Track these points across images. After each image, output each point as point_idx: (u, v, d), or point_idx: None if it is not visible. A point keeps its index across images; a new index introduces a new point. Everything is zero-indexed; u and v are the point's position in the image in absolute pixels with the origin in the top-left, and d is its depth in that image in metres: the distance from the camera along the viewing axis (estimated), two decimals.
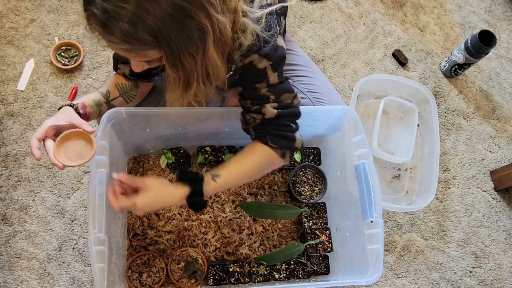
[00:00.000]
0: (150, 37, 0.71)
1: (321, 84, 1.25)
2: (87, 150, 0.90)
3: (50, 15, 1.58)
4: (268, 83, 0.91)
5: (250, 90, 0.94)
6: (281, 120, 0.95)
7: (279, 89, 0.93)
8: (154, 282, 1.23)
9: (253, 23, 0.82)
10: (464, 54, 1.60)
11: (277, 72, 0.91)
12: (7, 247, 1.31)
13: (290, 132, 0.97)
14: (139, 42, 0.72)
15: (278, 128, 0.96)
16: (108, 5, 0.68)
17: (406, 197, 1.53)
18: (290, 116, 0.96)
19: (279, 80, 0.92)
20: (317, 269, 1.30)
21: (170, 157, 1.30)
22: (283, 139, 0.96)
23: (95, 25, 0.71)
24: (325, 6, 1.77)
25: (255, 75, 0.91)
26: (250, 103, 0.95)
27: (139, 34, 0.70)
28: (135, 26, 0.69)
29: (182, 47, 0.74)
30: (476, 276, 1.48)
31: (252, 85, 0.92)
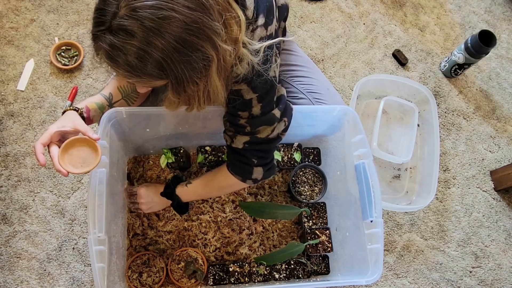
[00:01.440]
0: (157, 70, 0.72)
1: (321, 84, 1.25)
2: (91, 157, 0.90)
3: (50, 15, 1.58)
4: (250, 113, 0.93)
5: (232, 116, 0.96)
6: (245, 153, 1.00)
7: (258, 122, 0.94)
8: (154, 282, 1.23)
9: (251, 55, 0.83)
10: (464, 54, 1.60)
11: (261, 103, 0.92)
12: (7, 247, 1.31)
13: (249, 166, 1.02)
14: (145, 75, 0.73)
15: (239, 159, 1.02)
16: (116, 40, 0.69)
17: (406, 197, 1.53)
18: (255, 152, 1.00)
19: (261, 112, 0.93)
20: (317, 269, 1.30)
21: (170, 157, 1.30)
22: (240, 170, 1.04)
23: (103, 57, 0.73)
24: (325, 6, 1.77)
25: (240, 104, 0.92)
26: (228, 126, 1.00)
27: (146, 68, 0.71)
28: (142, 61, 0.70)
29: (187, 77, 0.75)
30: (476, 276, 1.48)
31: (235, 111, 0.94)
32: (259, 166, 1.02)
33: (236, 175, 1.06)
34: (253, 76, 0.86)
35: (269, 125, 0.96)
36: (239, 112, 0.94)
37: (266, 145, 1.00)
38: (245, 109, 0.93)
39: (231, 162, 1.06)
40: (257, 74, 0.86)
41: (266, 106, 0.93)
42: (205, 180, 1.17)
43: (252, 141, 0.97)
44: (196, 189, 1.18)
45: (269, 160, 1.04)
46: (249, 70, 0.85)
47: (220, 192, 1.26)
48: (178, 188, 1.19)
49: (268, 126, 0.96)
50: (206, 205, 1.33)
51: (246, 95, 0.90)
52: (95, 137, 0.89)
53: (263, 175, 1.05)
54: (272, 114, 0.95)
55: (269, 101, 0.93)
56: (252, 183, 1.07)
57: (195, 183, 1.17)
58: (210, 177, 1.16)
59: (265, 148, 1.01)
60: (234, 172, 1.06)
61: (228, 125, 0.99)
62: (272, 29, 0.87)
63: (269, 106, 0.94)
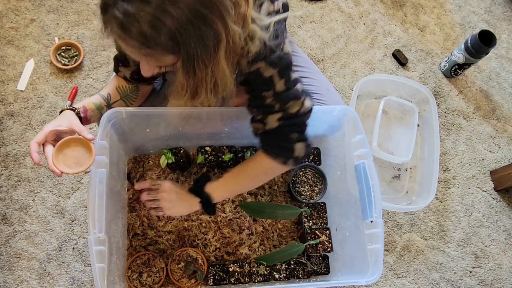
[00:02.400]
0: (170, 41, 0.70)
1: (321, 85, 1.25)
2: (85, 157, 0.89)
3: (50, 15, 1.58)
4: (275, 91, 0.90)
5: (257, 99, 0.93)
6: (281, 131, 0.95)
7: (285, 97, 0.91)
8: (154, 282, 1.23)
9: (261, 30, 0.81)
10: (464, 54, 1.60)
11: (284, 78, 0.90)
12: (7, 247, 1.31)
13: (289, 143, 0.97)
14: (158, 47, 0.71)
15: (277, 139, 0.97)
16: (130, 7, 0.67)
17: (406, 197, 1.53)
18: (292, 126, 0.96)
19: (286, 87, 0.91)
20: (317, 269, 1.30)
21: (170, 157, 1.30)
22: (280, 149, 0.98)
23: (115, 28, 0.70)
24: (325, 6, 1.77)
25: (261, 83, 0.90)
26: (256, 112, 0.96)
27: (159, 38, 0.69)
28: (156, 30, 0.69)
29: (198, 55, 0.73)
30: (476, 276, 1.48)
31: (258, 93, 0.92)
32: (300, 141, 0.97)
33: (277, 157, 0.99)
34: (267, 52, 0.84)
35: (297, 99, 0.92)
36: (263, 92, 0.91)
37: (300, 118, 0.95)
38: (269, 88, 0.90)
39: (267, 144, 0.99)
40: (271, 50, 0.85)
41: (289, 81, 0.91)
42: (238, 171, 1.08)
43: (285, 117, 0.93)
44: (227, 183, 1.08)
45: (306, 135, 0.99)
46: (261, 48, 0.83)
47: (256, 182, 1.14)
48: (207, 185, 1.10)
49: (296, 100, 0.92)
50: None
51: (265, 73, 0.88)
52: (89, 137, 0.88)
53: (305, 151, 0.98)
54: (297, 89, 0.93)
55: (289, 76, 0.91)
56: (294, 163, 1.00)
57: (226, 176, 1.09)
58: (243, 167, 1.08)
59: (300, 121, 0.96)
60: (274, 154, 0.99)
61: (256, 111, 0.95)
62: (279, 5, 0.85)
63: (291, 82, 0.91)
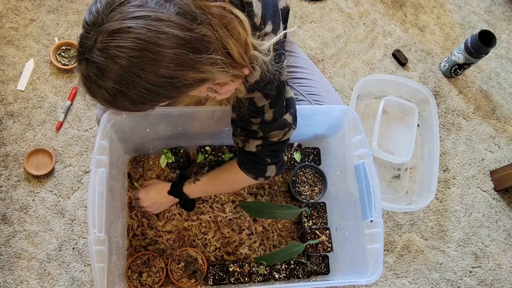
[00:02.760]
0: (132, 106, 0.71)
1: (321, 86, 1.25)
2: None
3: (50, 15, 1.58)
4: (263, 119, 0.93)
5: (244, 122, 0.96)
6: (258, 154, 1.00)
7: (270, 128, 0.95)
8: (154, 282, 1.23)
9: (262, 55, 0.81)
10: (464, 54, 1.60)
11: (273, 109, 0.92)
12: (7, 247, 1.31)
13: (263, 165, 1.03)
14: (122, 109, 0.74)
15: (252, 159, 1.03)
16: (90, 73, 0.69)
17: (406, 197, 1.53)
18: (268, 152, 1.00)
19: (273, 118, 0.93)
20: (317, 269, 1.30)
21: (170, 157, 1.30)
22: (253, 168, 1.05)
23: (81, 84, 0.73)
24: (325, 6, 1.77)
25: (252, 111, 0.92)
26: (239, 131, 0.99)
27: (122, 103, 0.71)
28: (117, 97, 0.70)
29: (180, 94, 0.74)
30: (476, 276, 1.48)
31: (247, 118, 0.94)
32: (273, 164, 1.03)
33: (249, 173, 1.06)
34: (265, 82, 0.86)
35: (281, 129, 0.96)
36: (252, 119, 0.94)
37: (279, 145, 1.00)
38: (258, 115, 0.93)
39: (243, 161, 1.06)
40: (269, 80, 0.85)
41: (278, 112, 0.94)
42: (214, 176, 1.16)
43: (264, 144, 0.98)
44: (204, 186, 1.17)
45: (280, 158, 1.05)
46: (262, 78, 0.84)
47: (229, 188, 1.26)
48: (185, 185, 1.18)
49: (280, 130, 0.96)
50: (206, 205, 1.33)
51: (259, 103, 0.90)
52: None
53: (275, 172, 1.06)
54: (284, 120, 0.96)
55: (280, 107, 0.94)
56: (264, 180, 1.08)
57: (203, 180, 1.17)
58: (218, 173, 1.16)
59: (278, 148, 1.01)
60: (247, 171, 1.06)
61: (239, 130, 0.99)
62: (280, 36, 0.87)
63: (280, 111, 0.95)
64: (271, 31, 0.83)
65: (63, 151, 1.42)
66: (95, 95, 0.72)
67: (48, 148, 1.41)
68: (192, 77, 0.71)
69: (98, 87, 0.69)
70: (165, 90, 0.70)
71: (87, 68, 0.69)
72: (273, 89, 0.88)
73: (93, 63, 0.67)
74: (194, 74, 0.71)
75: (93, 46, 0.67)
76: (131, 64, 0.66)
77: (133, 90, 0.68)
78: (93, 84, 0.70)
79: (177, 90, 0.72)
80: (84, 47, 0.68)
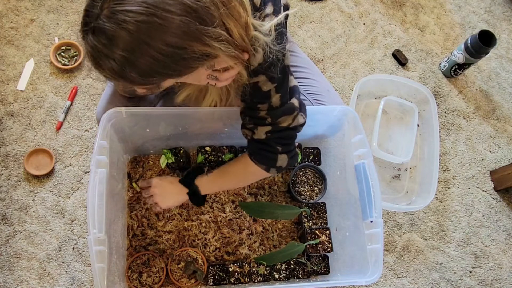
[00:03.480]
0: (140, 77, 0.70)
1: (321, 86, 1.25)
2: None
3: (50, 15, 1.58)
4: (270, 105, 0.92)
5: (251, 110, 0.95)
6: (268, 142, 0.99)
7: (278, 112, 0.94)
8: (154, 282, 1.23)
9: (263, 36, 0.81)
10: (464, 54, 1.60)
11: (280, 93, 0.91)
12: (7, 247, 1.31)
13: (273, 153, 1.01)
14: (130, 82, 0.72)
15: (262, 148, 1.01)
16: (97, 43, 0.68)
17: (406, 197, 1.53)
18: (279, 139, 0.99)
19: (281, 102, 0.93)
20: (317, 269, 1.30)
21: (170, 157, 1.30)
22: (264, 158, 1.03)
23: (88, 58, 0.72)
24: (325, 6, 1.77)
25: (259, 96, 0.91)
26: (247, 120, 0.98)
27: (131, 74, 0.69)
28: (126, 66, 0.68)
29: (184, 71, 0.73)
30: (476, 276, 1.48)
31: (254, 105, 0.94)
32: (284, 153, 1.01)
33: (260, 164, 1.03)
34: (270, 66, 0.85)
35: (290, 114, 0.95)
36: (259, 105, 0.93)
37: (289, 132, 0.99)
38: (264, 101, 0.92)
39: (253, 151, 1.04)
40: (272, 63, 0.85)
41: (284, 96, 0.93)
42: (225, 169, 1.14)
43: (274, 130, 0.96)
44: (215, 179, 1.15)
45: (292, 147, 1.03)
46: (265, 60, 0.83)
47: (240, 182, 1.22)
48: (197, 178, 1.17)
49: (288, 115, 0.95)
50: (206, 205, 1.33)
51: (264, 87, 0.89)
52: None
53: (287, 163, 1.03)
54: (291, 104, 0.95)
55: (285, 91, 0.93)
56: (276, 171, 1.05)
57: (214, 173, 1.16)
58: (230, 167, 1.14)
59: (288, 135, 1.00)
60: (258, 161, 1.03)
61: (248, 120, 0.98)
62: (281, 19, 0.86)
63: (287, 96, 0.94)
64: (271, 13, 0.83)
65: (63, 151, 1.42)
66: (103, 67, 0.70)
67: (48, 148, 1.41)
68: (199, 49, 0.70)
69: (106, 58, 0.68)
70: (173, 61, 0.69)
71: (94, 38, 0.68)
72: (278, 72, 0.87)
73: (100, 31, 0.67)
74: (200, 46, 0.70)
75: (99, 13, 0.66)
76: (139, 30, 0.65)
77: (141, 59, 0.67)
78: (101, 55, 0.68)
79: (184, 64, 0.71)
80: (90, 17, 0.68)
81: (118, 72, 0.70)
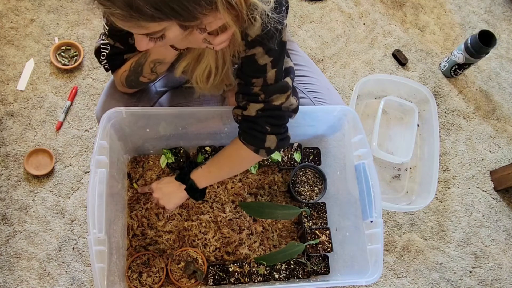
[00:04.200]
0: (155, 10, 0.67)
1: (321, 84, 1.25)
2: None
3: (50, 15, 1.58)
4: (265, 80, 0.91)
5: (245, 86, 0.94)
6: (257, 120, 0.97)
7: (272, 89, 0.93)
8: (154, 282, 1.23)
9: (261, 3, 0.79)
10: (464, 54, 1.60)
11: (276, 68, 0.90)
12: (7, 247, 1.31)
13: (261, 133, 0.99)
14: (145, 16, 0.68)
15: (251, 127, 0.99)
16: None
17: (406, 197, 1.53)
18: (269, 118, 0.97)
19: (276, 78, 0.92)
20: (317, 269, 1.30)
21: (170, 157, 1.30)
22: (252, 137, 1.01)
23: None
24: (325, 6, 1.77)
25: (254, 70, 0.90)
26: (241, 98, 0.97)
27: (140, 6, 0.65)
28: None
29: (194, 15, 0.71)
30: (476, 276, 1.48)
31: (249, 79, 0.92)
32: (273, 134, 0.99)
33: (248, 144, 1.02)
34: (267, 37, 0.84)
35: (283, 93, 0.94)
36: (253, 79, 0.92)
37: (280, 111, 0.97)
38: (260, 75, 0.91)
39: (242, 131, 1.02)
40: (270, 35, 0.84)
41: (280, 73, 0.92)
42: (217, 158, 1.13)
43: (265, 108, 0.95)
44: (209, 169, 1.14)
45: (283, 130, 1.02)
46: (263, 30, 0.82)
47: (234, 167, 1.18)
48: (192, 171, 1.15)
49: (282, 94, 0.94)
50: (206, 205, 1.33)
51: (260, 60, 0.88)
52: None
53: (276, 144, 1.01)
54: (285, 82, 0.94)
55: (281, 68, 0.92)
56: (265, 153, 1.03)
57: (207, 163, 1.14)
58: (221, 153, 1.12)
59: (279, 115, 0.98)
60: (246, 141, 1.02)
61: (241, 97, 0.97)
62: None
63: (282, 74, 0.93)
64: None
65: (63, 151, 1.42)
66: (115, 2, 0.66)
67: (48, 148, 1.41)
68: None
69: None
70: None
71: None
72: (275, 44, 0.86)
73: None
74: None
75: None
76: None
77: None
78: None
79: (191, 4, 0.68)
80: None
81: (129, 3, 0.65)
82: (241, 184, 1.36)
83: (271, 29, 0.83)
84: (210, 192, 1.34)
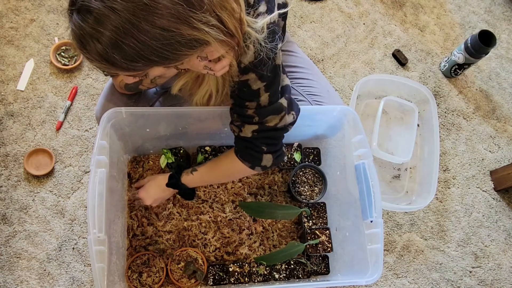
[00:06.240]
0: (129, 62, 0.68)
1: (321, 86, 1.25)
2: None
3: (50, 15, 1.58)
4: (258, 103, 0.92)
5: (239, 107, 0.95)
6: (254, 141, 0.99)
7: (266, 112, 0.94)
8: (154, 282, 1.23)
9: (256, 33, 0.81)
10: (464, 54, 1.60)
11: (269, 92, 0.91)
12: (7, 247, 1.31)
13: (258, 153, 1.01)
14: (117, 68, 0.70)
15: (248, 146, 1.01)
16: (83, 23, 0.66)
17: (406, 197, 1.53)
18: (264, 139, 0.99)
19: (269, 101, 0.93)
20: (317, 269, 1.30)
21: (170, 157, 1.30)
22: (249, 157, 1.03)
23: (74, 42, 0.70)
24: (325, 6, 1.77)
25: (248, 94, 0.91)
26: (235, 117, 0.99)
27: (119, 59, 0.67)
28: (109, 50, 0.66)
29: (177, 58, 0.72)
30: (476, 276, 1.48)
31: (243, 102, 0.94)
32: (269, 153, 1.01)
33: (245, 161, 1.04)
34: (260, 64, 0.85)
35: (277, 114, 0.95)
36: (247, 102, 0.93)
37: (275, 132, 0.99)
38: (253, 99, 0.92)
39: (239, 149, 1.04)
40: (263, 61, 0.85)
41: (274, 95, 0.93)
42: (211, 166, 1.15)
43: (260, 129, 0.97)
44: (202, 176, 1.16)
45: (278, 147, 1.03)
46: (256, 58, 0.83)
47: (226, 178, 1.25)
48: (183, 176, 1.17)
49: (276, 115, 0.95)
50: (206, 205, 1.33)
51: (253, 85, 0.89)
52: None
53: (272, 162, 1.03)
54: (280, 104, 0.95)
55: (275, 90, 0.93)
56: (261, 170, 1.05)
57: (200, 170, 1.15)
58: (216, 163, 1.14)
59: (274, 135, 1.00)
60: (243, 159, 1.04)
61: (236, 117, 0.99)
62: (274, 17, 0.85)
63: (276, 95, 0.94)
64: (265, 11, 0.82)
65: (63, 151, 1.42)
66: (87, 49, 0.68)
67: (48, 148, 1.41)
68: (187, 34, 0.68)
69: (91, 38, 0.66)
70: (160, 45, 0.67)
71: (80, 18, 0.66)
72: (268, 71, 0.87)
73: (86, 10, 0.65)
74: (189, 30, 0.68)
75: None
76: (125, 10, 0.63)
77: (126, 41, 0.65)
78: (85, 35, 0.66)
79: (172, 49, 0.69)
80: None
81: (102, 54, 0.67)
82: (241, 184, 1.36)
83: (263, 57, 0.84)
84: (210, 192, 1.34)
